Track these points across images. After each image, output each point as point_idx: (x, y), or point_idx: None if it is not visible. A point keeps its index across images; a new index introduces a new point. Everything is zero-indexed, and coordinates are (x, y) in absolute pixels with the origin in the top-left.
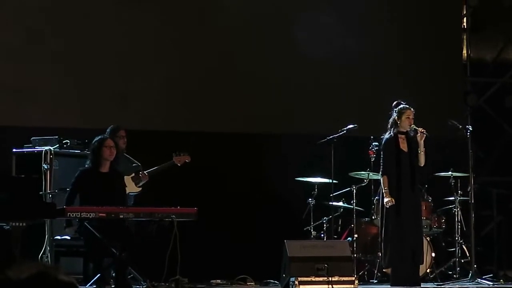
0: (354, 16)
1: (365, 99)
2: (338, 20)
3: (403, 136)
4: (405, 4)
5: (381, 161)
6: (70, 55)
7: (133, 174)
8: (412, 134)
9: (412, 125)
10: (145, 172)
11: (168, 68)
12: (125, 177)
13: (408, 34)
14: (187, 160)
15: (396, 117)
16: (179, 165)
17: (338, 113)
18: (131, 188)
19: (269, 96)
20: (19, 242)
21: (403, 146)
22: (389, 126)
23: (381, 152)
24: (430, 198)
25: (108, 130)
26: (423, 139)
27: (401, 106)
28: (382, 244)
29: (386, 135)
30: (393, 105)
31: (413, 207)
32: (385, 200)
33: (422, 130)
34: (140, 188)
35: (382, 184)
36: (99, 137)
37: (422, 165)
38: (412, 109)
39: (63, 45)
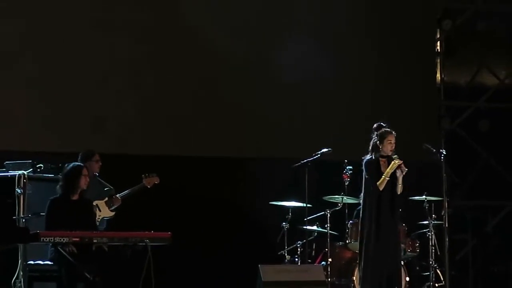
0: (328, 40)
1: (339, 123)
2: (311, 45)
3: (384, 159)
4: (380, 28)
5: (363, 182)
6: (45, 79)
7: (106, 198)
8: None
9: (393, 152)
10: (117, 195)
11: (143, 92)
12: (99, 201)
13: (383, 58)
14: (156, 182)
15: (378, 141)
16: (149, 187)
17: (312, 137)
18: (105, 212)
19: (243, 120)
20: None
21: (385, 170)
22: (370, 149)
23: (363, 174)
24: (403, 223)
25: (81, 154)
26: (402, 175)
27: (383, 130)
28: (362, 267)
29: (367, 157)
30: (373, 127)
31: (392, 232)
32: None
33: (404, 169)
34: (114, 213)
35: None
36: (75, 164)
37: (398, 193)
38: (393, 132)
39: (38, 69)
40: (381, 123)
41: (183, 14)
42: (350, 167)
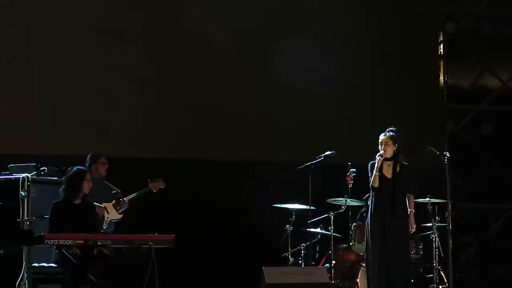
0: (331, 44)
1: (342, 126)
2: (314, 49)
3: (389, 162)
4: (383, 31)
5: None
6: (49, 83)
7: (114, 201)
8: (402, 161)
9: (381, 152)
10: (124, 199)
11: (148, 95)
12: (107, 204)
13: (386, 61)
14: (161, 187)
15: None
16: (154, 191)
17: (315, 140)
18: (113, 215)
19: (247, 123)
20: None
21: (387, 172)
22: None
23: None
24: None
25: (89, 157)
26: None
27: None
28: (368, 268)
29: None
30: None
31: (395, 233)
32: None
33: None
34: (121, 215)
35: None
36: (79, 169)
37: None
38: (385, 135)
39: (43, 73)
40: (389, 128)
41: (185, 20)
42: (354, 169)
